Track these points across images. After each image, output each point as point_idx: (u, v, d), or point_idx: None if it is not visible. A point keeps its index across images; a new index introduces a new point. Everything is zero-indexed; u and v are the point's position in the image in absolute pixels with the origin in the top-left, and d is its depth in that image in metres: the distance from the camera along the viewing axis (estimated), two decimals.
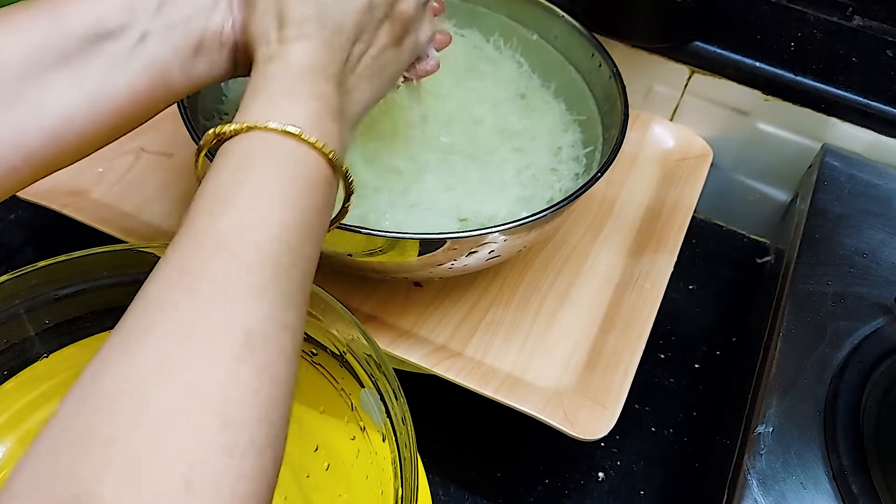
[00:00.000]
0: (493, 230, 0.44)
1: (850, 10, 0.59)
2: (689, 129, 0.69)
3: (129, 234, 0.54)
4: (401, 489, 0.40)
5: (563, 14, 0.58)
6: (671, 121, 0.70)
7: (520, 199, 0.52)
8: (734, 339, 0.63)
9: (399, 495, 0.40)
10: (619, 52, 0.66)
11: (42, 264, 0.43)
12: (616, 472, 0.55)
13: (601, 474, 0.54)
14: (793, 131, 0.66)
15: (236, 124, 0.30)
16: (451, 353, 0.52)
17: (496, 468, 0.54)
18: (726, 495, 0.46)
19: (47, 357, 0.47)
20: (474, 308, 0.55)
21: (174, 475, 0.22)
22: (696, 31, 0.65)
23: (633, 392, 0.49)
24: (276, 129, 0.30)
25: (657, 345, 0.61)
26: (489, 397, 0.48)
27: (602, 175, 0.47)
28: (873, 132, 0.63)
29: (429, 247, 0.44)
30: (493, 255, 0.48)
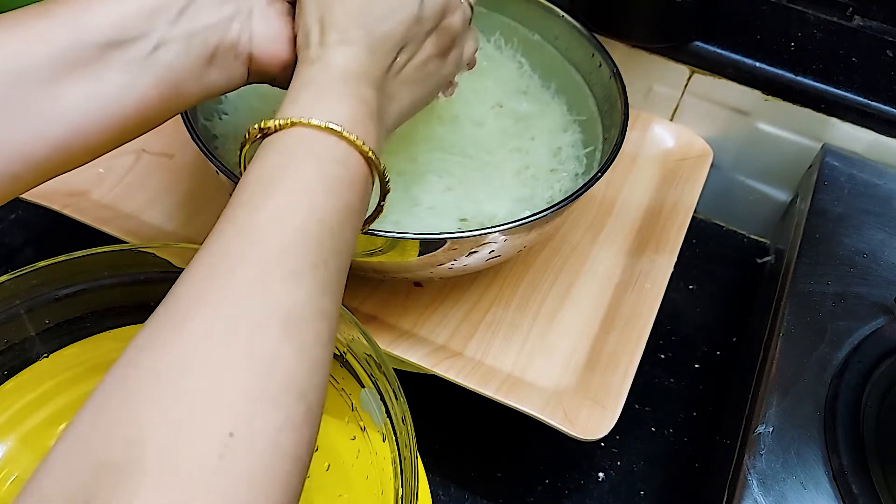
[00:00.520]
0: (494, 230, 0.44)
1: (850, 10, 0.59)
2: (689, 129, 0.69)
3: (130, 234, 0.54)
4: (401, 489, 0.40)
5: (563, 14, 0.58)
6: (671, 121, 0.70)
7: (520, 199, 0.52)
8: (734, 339, 0.63)
9: (399, 495, 0.40)
10: (619, 52, 0.66)
11: (42, 264, 0.43)
12: (616, 472, 0.55)
13: (601, 474, 0.54)
14: (793, 131, 0.66)
15: (280, 120, 0.32)
16: (451, 353, 0.52)
17: (496, 468, 0.54)
18: (726, 495, 0.46)
19: (47, 357, 0.47)
20: (474, 308, 0.56)
21: (219, 422, 0.24)
22: (696, 31, 0.65)
23: (633, 392, 0.49)
24: (319, 126, 0.31)
25: (657, 345, 0.61)
26: (489, 397, 0.48)
27: (602, 175, 0.47)
28: (873, 132, 0.63)
29: (429, 247, 0.44)
30: (493, 255, 0.48)
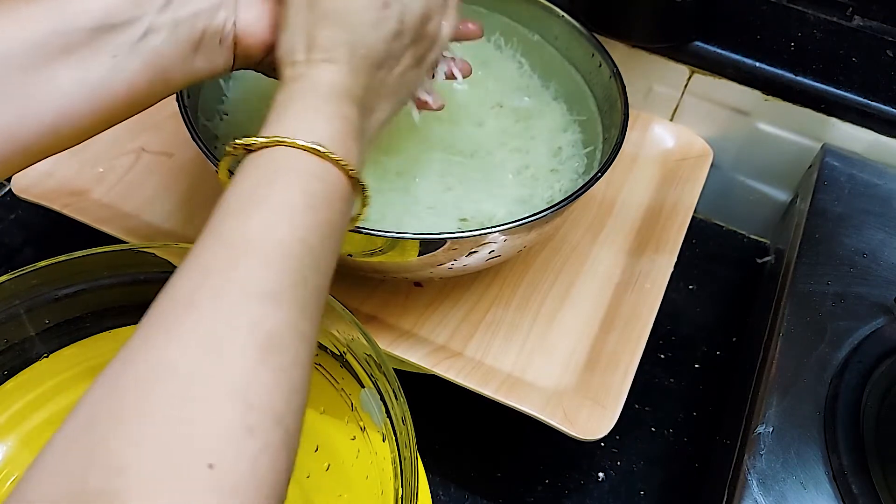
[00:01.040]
0: (493, 230, 0.44)
1: (850, 10, 0.59)
2: (689, 129, 0.69)
3: (130, 234, 0.54)
4: (401, 489, 0.40)
5: (563, 14, 0.58)
6: (671, 121, 0.70)
7: (520, 199, 0.52)
8: (734, 339, 0.63)
9: (399, 495, 0.40)
10: (619, 52, 0.66)
11: (42, 264, 0.43)
12: (616, 472, 0.55)
13: (601, 474, 0.54)
14: (793, 131, 0.66)
15: (265, 138, 0.32)
16: (451, 353, 0.52)
17: (496, 468, 0.54)
18: (726, 495, 0.46)
19: (47, 357, 0.47)
20: (474, 308, 0.55)
21: (199, 453, 0.24)
22: (696, 31, 0.65)
23: (633, 392, 0.49)
24: (303, 146, 0.32)
25: (657, 345, 0.61)
26: (489, 397, 0.48)
27: (602, 175, 0.47)
28: (873, 132, 0.63)
29: (429, 247, 0.44)
30: (493, 255, 0.48)
